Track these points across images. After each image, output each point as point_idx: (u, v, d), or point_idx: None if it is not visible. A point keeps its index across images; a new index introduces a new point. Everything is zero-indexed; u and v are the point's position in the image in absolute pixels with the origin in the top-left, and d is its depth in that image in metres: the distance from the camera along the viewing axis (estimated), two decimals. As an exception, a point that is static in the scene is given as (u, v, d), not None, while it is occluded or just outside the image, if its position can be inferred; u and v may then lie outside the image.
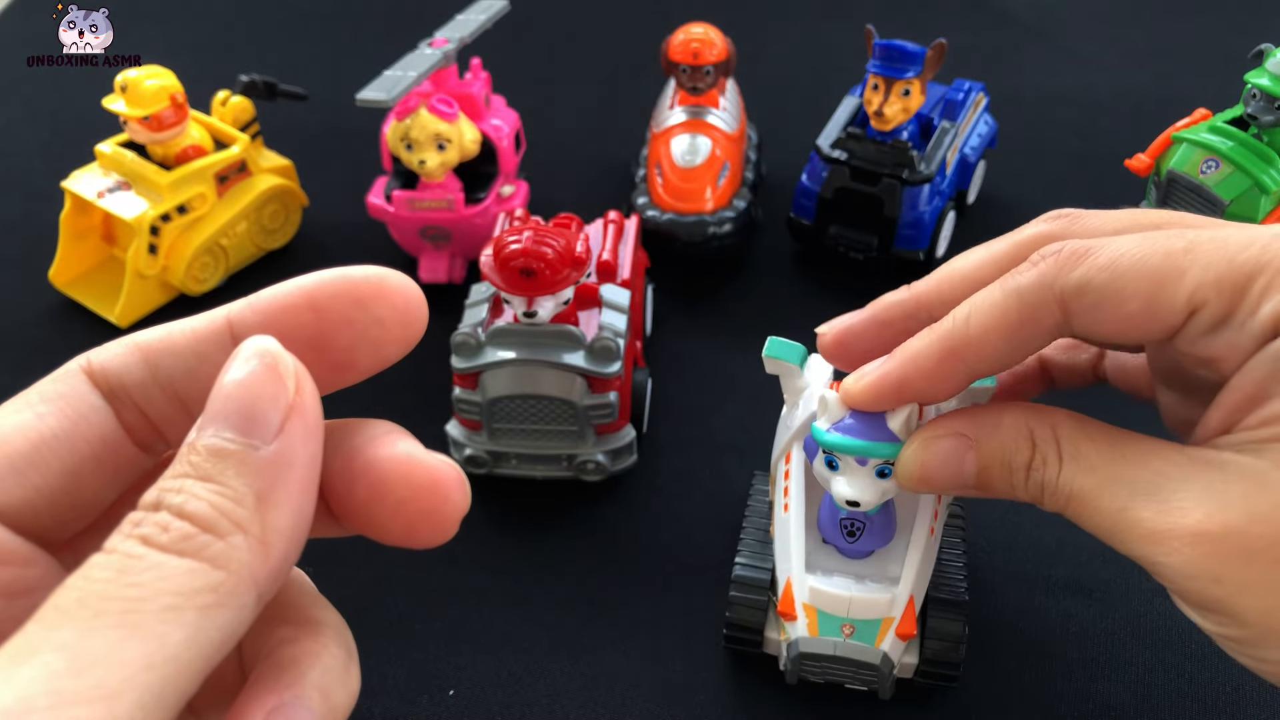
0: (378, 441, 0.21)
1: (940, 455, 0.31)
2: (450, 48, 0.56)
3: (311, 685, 0.19)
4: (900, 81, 0.53)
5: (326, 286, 0.21)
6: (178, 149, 0.57)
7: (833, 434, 0.33)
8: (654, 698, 0.40)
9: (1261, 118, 0.53)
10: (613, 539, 0.46)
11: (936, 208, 0.57)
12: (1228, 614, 0.26)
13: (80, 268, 0.59)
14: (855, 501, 0.34)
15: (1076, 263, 0.28)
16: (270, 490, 0.18)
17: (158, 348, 0.21)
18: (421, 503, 0.20)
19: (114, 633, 0.16)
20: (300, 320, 0.21)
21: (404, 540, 0.21)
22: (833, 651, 0.37)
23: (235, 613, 0.17)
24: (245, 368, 0.19)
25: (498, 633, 0.42)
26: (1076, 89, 0.76)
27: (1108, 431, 0.29)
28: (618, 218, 0.52)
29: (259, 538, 0.18)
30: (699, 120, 0.59)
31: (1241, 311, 0.27)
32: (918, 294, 0.33)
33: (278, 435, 0.18)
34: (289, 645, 0.20)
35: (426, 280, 0.57)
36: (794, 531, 0.38)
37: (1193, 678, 0.40)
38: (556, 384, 0.44)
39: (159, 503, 0.18)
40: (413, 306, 0.21)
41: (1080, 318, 0.29)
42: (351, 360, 0.21)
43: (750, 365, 0.54)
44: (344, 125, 0.69)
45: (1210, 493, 0.26)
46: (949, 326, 0.30)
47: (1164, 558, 0.27)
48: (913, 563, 0.37)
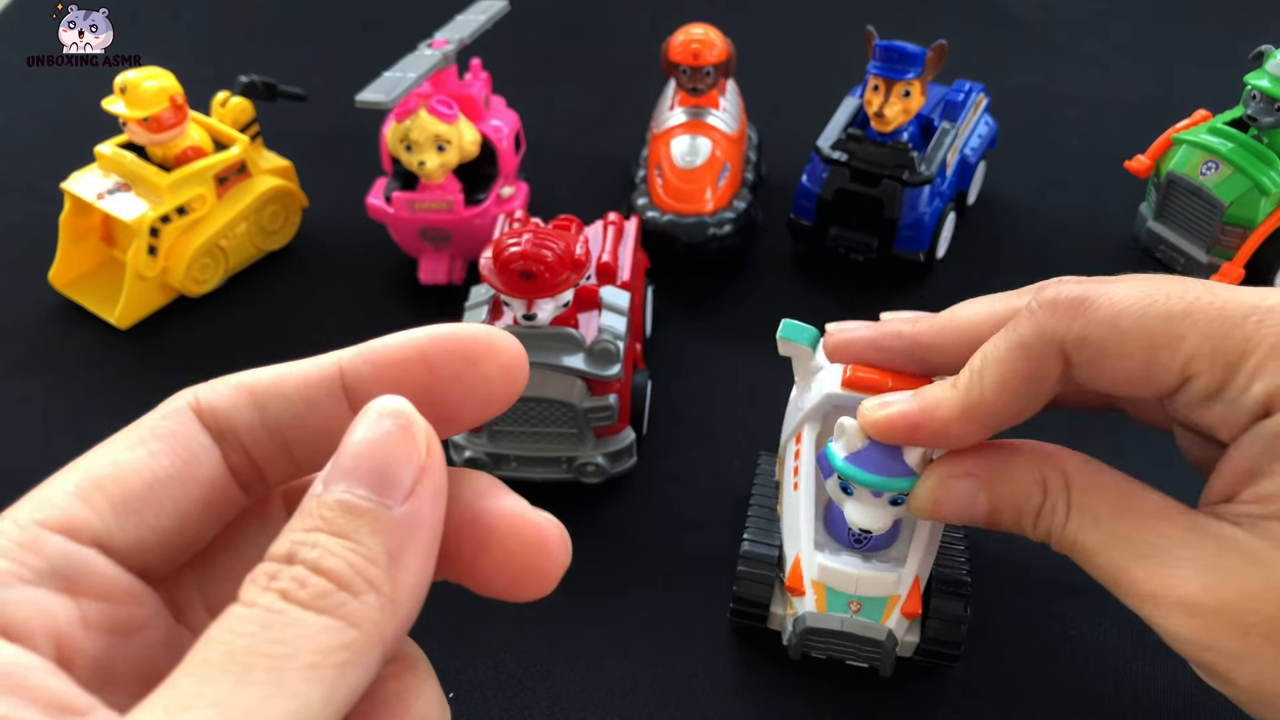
0: (485, 495, 0.21)
1: (954, 493, 0.33)
2: (450, 49, 0.56)
3: (416, 717, 0.20)
4: (900, 83, 0.53)
5: (440, 343, 0.21)
6: (177, 150, 0.57)
7: (849, 465, 0.34)
8: (654, 700, 0.40)
9: (1261, 119, 0.53)
10: (612, 541, 0.46)
11: (937, 209, 0.57)
12: (1222, 679, 0.28)
13: (80, 269, 0.59)
14: (868, 530, 0.35)
15: (1076, 313, 0.29)
16: (401, 550, 0.18)
17: (267, 390, 0.21)
18: (527, 558, 0.21)
19: (262, 690, 0.16)
20: (413, 374, 0.21)
21: (505, 593, 0.21)
22: (840, 627, 0.38)
23: (364, 671, 0.17)
24: (380, 427, 0.19)
25: (497, 635, 0.42)
26: (1076, 90, 0.76)
27: (1117, 481, 0.31)
28: (617, 219, 0.52)
29: (390, 597, 0.18)
30: (699, 121, 0.59)
31: (1233, 388, 0.28)
32: (918, 334, 0.34)
33: (410, 496, 0.19)
34: (390, 681, 0.20)
35: (426, 282, 0.57)
36: (804, 510, 0.39)
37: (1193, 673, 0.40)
38: (556, 386, 0.44)
39: (293, 556, 0.18)
40: (517, 365, 0.22)
41: (1081, 369, 0.30)
42: (458, 415, 0.22)
43: (750, 366, 0.54)
44: (344, 126, 0.69)
45: (1207, 565, 0.27)
46: (966, 384, 0.31)
47: (1160, 620, 0.28)
48: (920, 543, 0.38)
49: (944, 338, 0.34)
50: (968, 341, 0.33)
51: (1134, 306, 0.29)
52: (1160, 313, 0.28)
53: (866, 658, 0.39)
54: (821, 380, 0.38)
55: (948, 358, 0.34)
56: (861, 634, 0.38)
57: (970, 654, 0.40)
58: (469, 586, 0.21)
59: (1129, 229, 0.61)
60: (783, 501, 0.41)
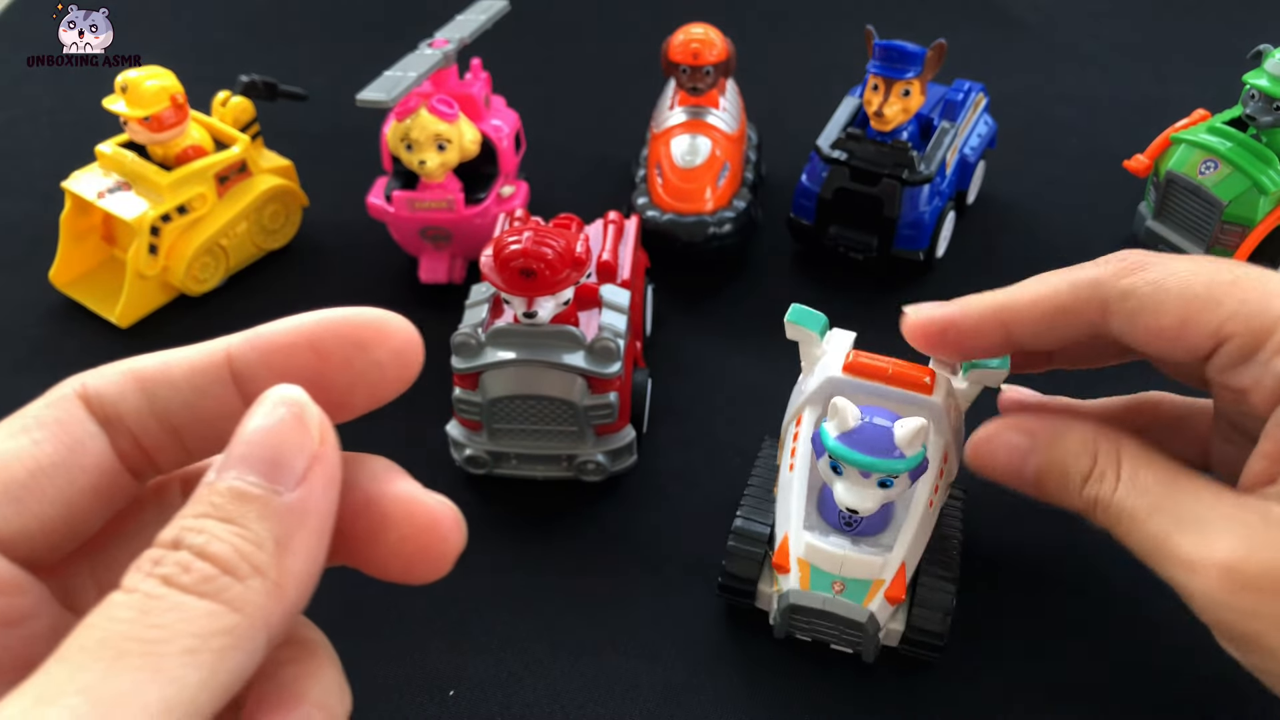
0: (379, 479, 0.21)
1: (1007, 445, 0.35)
2: (450, 48, 0.56)
3: (313, 703, 0.20)
4: (900, 82, 0.53)
5: (328, 327, 0.21)
6: (178, 149, 0.57)
7: (840, 444, 0.35)
8: (654, 697, 0.40)
9: (1260, 118, 0.53)
10: (613, 539, 0.46)
11: (936, 208, 0.57)
12: (1262, 648, 0.28)
13: (81, 268, 0.59)
14: (855, 509, 0.36)
15: (1131, 271, 0.32)
16: (289, 536, 0.18)
17: (154, 377, 0.21)
18: (421, 542, 0.21)
19: (136, 675, 0.16)
20: (301, 360, 0.21)
21: (399, 576, 0.21)
22: (821, 606, 0.38)
23: (247, 655, 0.17)
24: (274, 414, 0.19)
25: (498, 633, 0.42)
26: (1076, 89, 0.76)
27: (1167, 463, 0.32)
28: (618, 218, 0.52)
29: (276, 582, 0.18)
30: (699, 121, 0.59)
31: (1266, 350, 0.29)
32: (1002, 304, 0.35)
33: (300, 483, 0.19)
34: (287, 666, 0.20)
35: (426, 280, 0.57)
36: (796, 490, 0.39)
37: (1193, 673, 0.40)
38: (556, 384, 0.44)
39: (179, 541, 0.18)
40: (410, 349, 0.22)
41: (1118, 320, 0.32)
42: (348, 401, 0.21)
43: (750, 364, 0.54)
44: (344, 126, 0.69)
45: (1250, 533, 0.28)
46: (1005, 290, 0.34)
47: (1199, 585, 0.29)
48: (909, 530, 0.38)
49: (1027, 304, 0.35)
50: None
51: (1182, 272, 0.31)
52: (1205, 280, 0.30)
53: (850, 641, 0.39)
54: (824, 365, 0.39)
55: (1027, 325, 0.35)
56: (842, 614, 0.38)
57: (960, 649, 0.40)
58: (366, 571, 0.21)
59: (1128, 228, 0.62)
60: (779, 482, 0.41)
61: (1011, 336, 0.34)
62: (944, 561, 0.39)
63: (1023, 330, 0.34)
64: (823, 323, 0.40)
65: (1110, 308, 0.32)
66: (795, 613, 0.38)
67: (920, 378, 0.37)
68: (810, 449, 0.39)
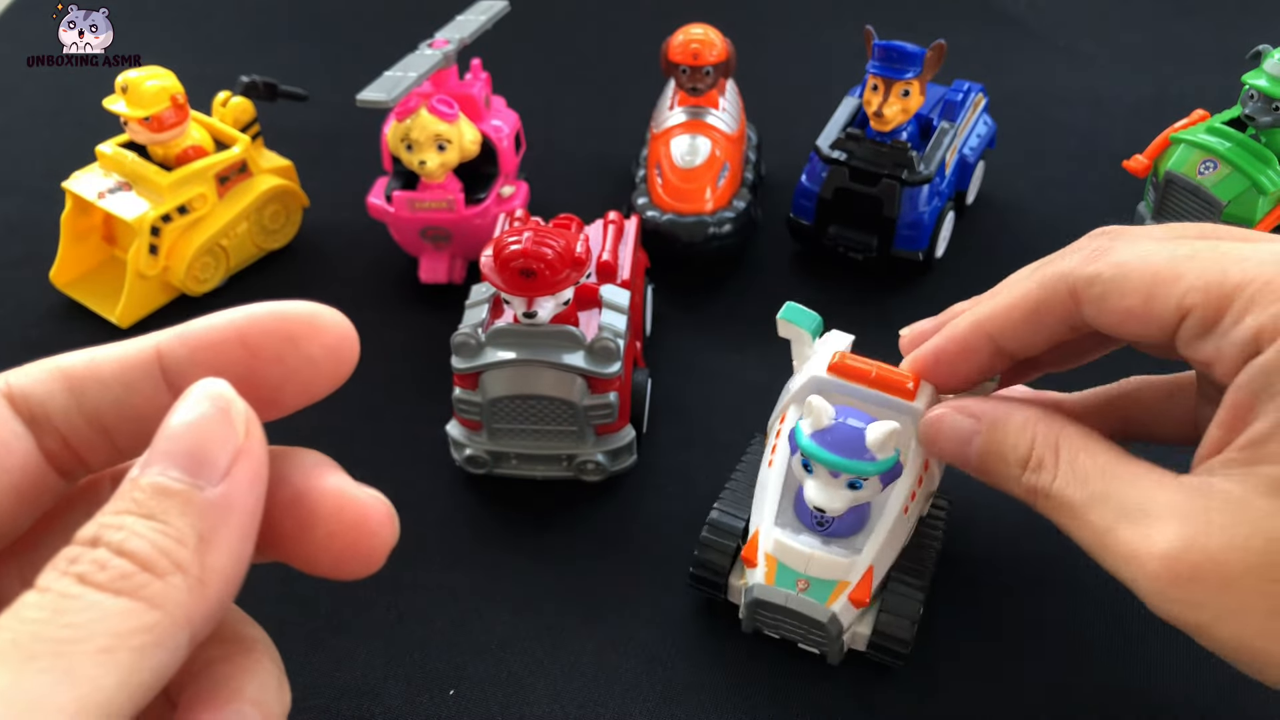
0: (308, 474, 0.21)
1: (953, 427, 0.34)
2: (450, 48, 0.56)
3: (249, 700, 0.20)
4: (899, 82, 0.53)
5: (259, 323, 0.21)
6: (178, 150, 0.57)
7: (812, 442, 0.35)
8: (655, 697, 0.40)
9: (1259, 119, 0.53)
10: (613, 539, 0.46)
11: (936, 208, 0.57)
12: (1207, 636, 0.27)
13: (81, 268, 0.59)
14: (822, 508, 0.36)
15: (1096, 258, 0.31)
16: (212, 531, 0.18)
17: (82, 374, 0.21)
18: (350, 537, 0.20)
19: (47, 676, 0.15)
20: (231, 356, 0.21)
21: (329, 572, 0.21)
22: (784, 603, 0.38)
23: (169, 653, 0.17)
24: (197, 409, 0.19)
25: (498, 632, 0.42)
26: (1075, 89, 0.76)
27: (1108, 449, 0.31)
28: (617, 218, 0.52)
29: (198, 578, 0.18)
30: (699, 121, 0.59)
31: (1225, 322, 0.28)
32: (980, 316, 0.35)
33: (224, 478, 0.18)
34: (222, 663, 0.20)
35: (427, 281, 0.58)
36: (772, 486, 0.39)
37: (1176, 668, 0.40)
38: (556, 384, 0.44)
39: (97, 539, 0.17)
40: (345, 344, 0.21)
41: (1089, 307, 0.31)
42: (280, 396, 0.21)
43: (749, 364, 0.54)
44: (344, 126, 0.69)
45: (1189, 521, 0.27)
46: (981, 303, 0.34)
47: (1143, 579, 0.28)
48: (879, 534, 0.37)
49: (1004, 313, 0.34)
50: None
51: (1144, 251, 0.30)
52: (1165, 256, 0.30)
53: (814, 642, 0.39)
54: (810, 365, 0.39)
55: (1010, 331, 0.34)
56: (805, 613, 0.38)
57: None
58: (297, 567, 0.21)
59: (1127, 228, 0.62)
60: (758, 480, 0.41)
61: (1000, 348, 0.34)
62: (916, 570, 0.39)
63: (1007, 339, 0.34)
64: (816, 322, 0.40)
65: (1080, 296, 0.31)
66: (760, 608, 0.39)
67: (903, 383, 0.37)
68: (787, 450, 0.39)
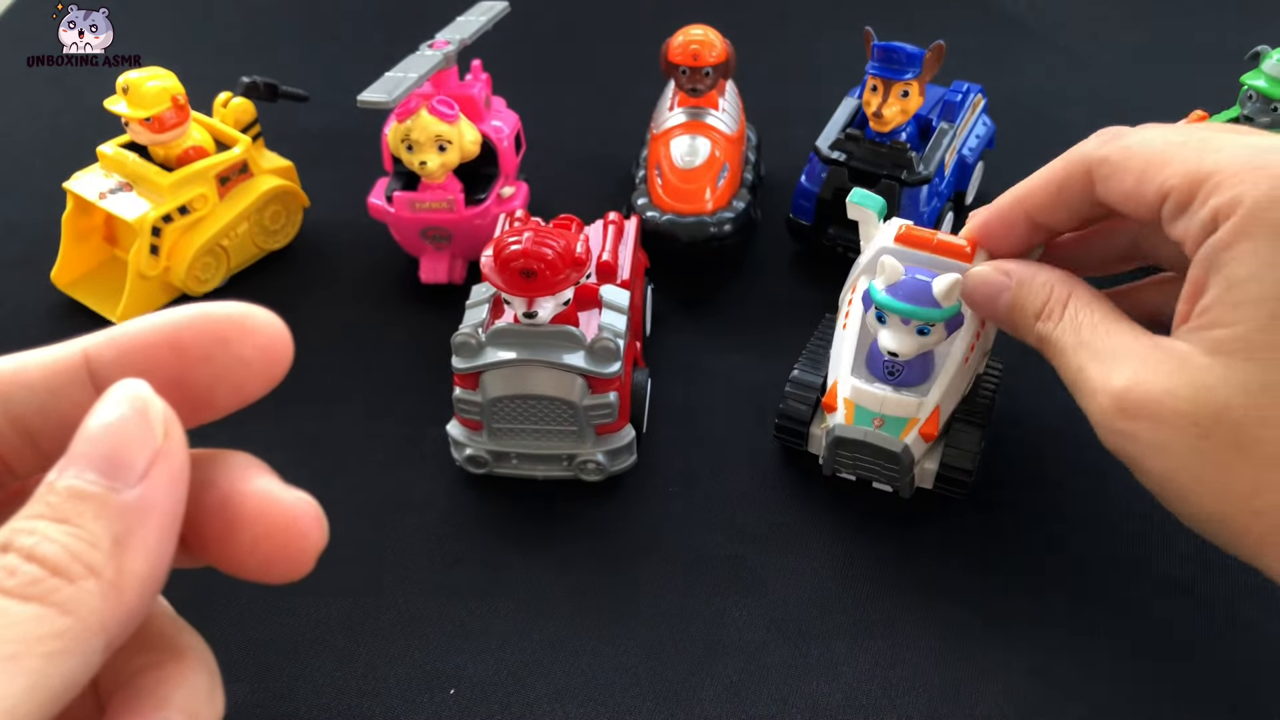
0: (234, 476, 0.20)
1: (989, 283, 0.39)
2: (451, 49, 0.56)
3: (177, 708, 0.19)
4: (899, 83, 0.53)
5: (188, 325, 0.20)
6: (179, 150, 0.57)
7: (884, 295, 0.41)
8: (654, 696, 0.40)
9: (1258, 119, 0.54)
10: (612, 538, 0.46)
11: (935, 208, 0.57)
12: (1139, 468, 0.32)
13: (82, 268, 0.59)
14: (895, 352, 0.41)
15: (1109, 141, 0.36)
16: (128, 534, 0.18)
17: (8, 379, 0.20)
18: (277, 541, 0.20)
19: None
20: (160, 359, 0.20)
21: (257, 575, 0.20)
22: (862, 438, 0.43)
23: (81, 659, 0.17)
24: (115, 411, 0.18)
25: (499, 631, 0.42)
26: (1075, 90, 0.76)
27: (1107, 311, 0.35)
28: (617, 219, 0.52)
29: (112, 582, 0.17)
30: (698, 121, 0.59)
31: (1195, 203, 0.31)
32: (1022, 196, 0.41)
33: (141, 480, 0.18)
34: (152, 670, 0.20)
35: (427, 281, 0.58)
36: (847, 344, 0.45)
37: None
38: (556, 384, 0.44)
39: (8, 545, 0.17)
40: (277, 345, 0.21)
41: (1099, 186, 0.36)
42: (211, 399, 0.21)
43: (749, 364, 0.54)
44: (345, 127, 0.69)
45: (1143, 365, 0.32)
46: (1022, 182, 0.40)
47: (1096, 412, 0.33)
48: (944, 379, 0.43)
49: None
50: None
51: (1149, 136, 0.34)
52: (1163, 140, 0.33)
53: (888, 477, 0.44)
54: (877, 240, 0.45)
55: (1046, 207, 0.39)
56: (881, 445, 0.43)
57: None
58: (222, 569, 0.21)
59: (1126, 228, 0.62)
60: (834, 341, 0.47)
61: (1035, 222, 0.39)
62: (976, 413, 0.45)
63: (1039, 213, 0.39)
64: (881, 204, 0.46)
65: (1093, 175, 0.36)
66: (840, 446, 0.44)
67: (962, 248, 0.42)
68: (861, 309, 0.44)
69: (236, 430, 0.49)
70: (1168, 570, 0.44)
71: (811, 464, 0.48)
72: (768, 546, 0.45)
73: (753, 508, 0.47)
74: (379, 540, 0.46)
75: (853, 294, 0.46)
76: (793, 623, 0.42)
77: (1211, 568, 0.44)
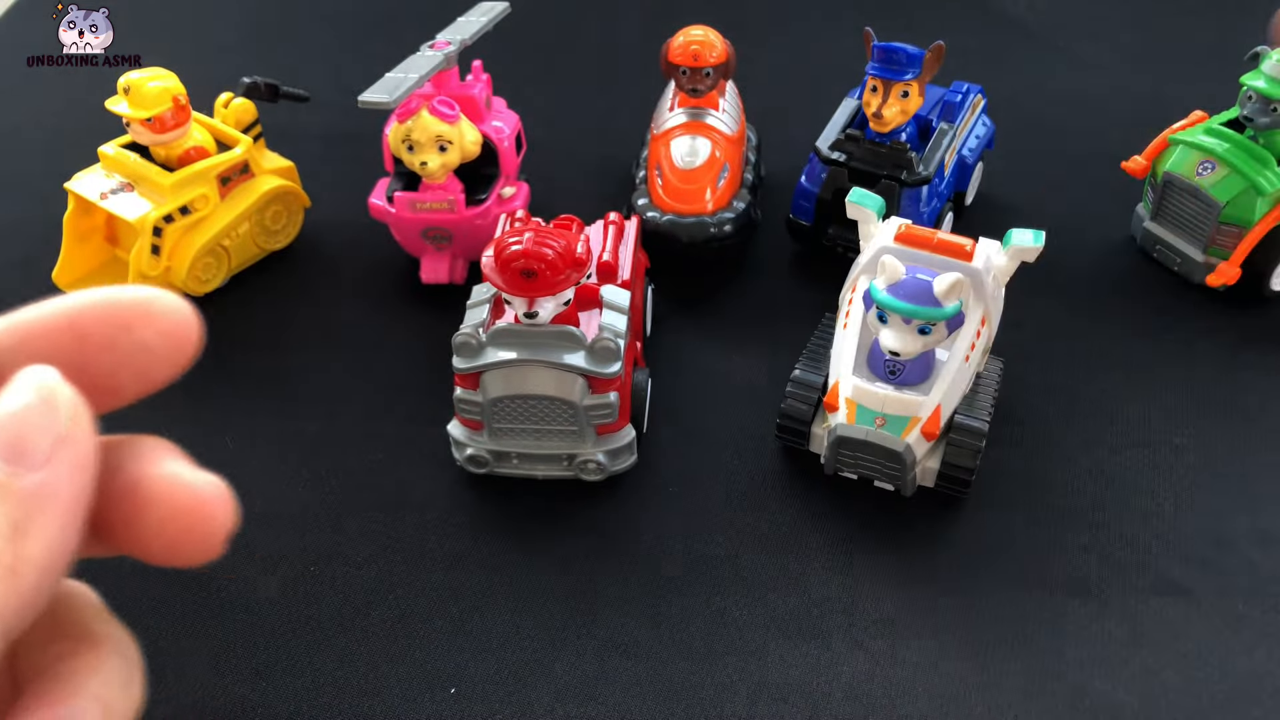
0: (142, 460, 0.20)
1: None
2: (451, 50, 0.57)
3: (90, 697, 0.19)
4: (899, 83, 0.53)
5: (90, 310, 0.20)
6: (180, 150, 0.57)
7: (885, 294, 0.41)
8: (655, 695, 0.40)
9: (1257, 120, 0.54)
10: (613, 538, 0.46)
11: (935, 208, 0.57)
12: None
13: (84, 269, 0.59)
14: (896, 351, 0.41)
15: None
16: (28, 520, 0.18)
17: None
18: (183, 522, 0.20)
19: None
20: (60, 343, 0.20)
21: (165, 559, 0.20)
22: (864, 437, 0.43)
23: None
24: (19, 398, 0.18)
25: (499, 631, 0.42)
26: (1074, 91, 0.76)
27: None
28: (618, 219, 0.52)
29: (9, 568, 0.17)
30: (699, 122, 0.59)
31: None
32: None
33: (44, 465, 0.18)
34: (66, 659, 0.20)
35: (428, 281, 0.58)
36: (848, 344, 0.45)
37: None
38: (557, 384, 0.44)
39: None
40: (182, 330, 0.20)
41: None
42: (116, 384, 0.21)
43: (749, 364, 0.54)
44: (346, 127, 0.69)
45: None
46: None
47: None
48: (945, 377, 0.43)
49: None
50: None
51: None
52: None
53: (890, 476, 0.44)
54: (877, 239, 0.45)
55: None
56: (883, 444, 0.43)
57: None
58: (133, 556, 0.20)
59: (1126, 229, 0.62)
60: (834, 341, 0.47)
61: None
62: (978, 410, 0.45)
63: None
64: (880, 204, 0.46)
65: None
66: (842, 446, 0.44)
67: (962, 247, 0.43)
68: (861, 309, 0.44)
69: (238, 430, 0.49)
70: (1168, 570, 0.44)
71: (812, 463, 0.48)
72: (768, 546, 0.45)
73: (753, 508, 0.47)
74: (379, 540, 0.46)
75: (853, 293, 0.46)
76: (793, 623, 0.42)
77: (1211, 568, 0.44)
